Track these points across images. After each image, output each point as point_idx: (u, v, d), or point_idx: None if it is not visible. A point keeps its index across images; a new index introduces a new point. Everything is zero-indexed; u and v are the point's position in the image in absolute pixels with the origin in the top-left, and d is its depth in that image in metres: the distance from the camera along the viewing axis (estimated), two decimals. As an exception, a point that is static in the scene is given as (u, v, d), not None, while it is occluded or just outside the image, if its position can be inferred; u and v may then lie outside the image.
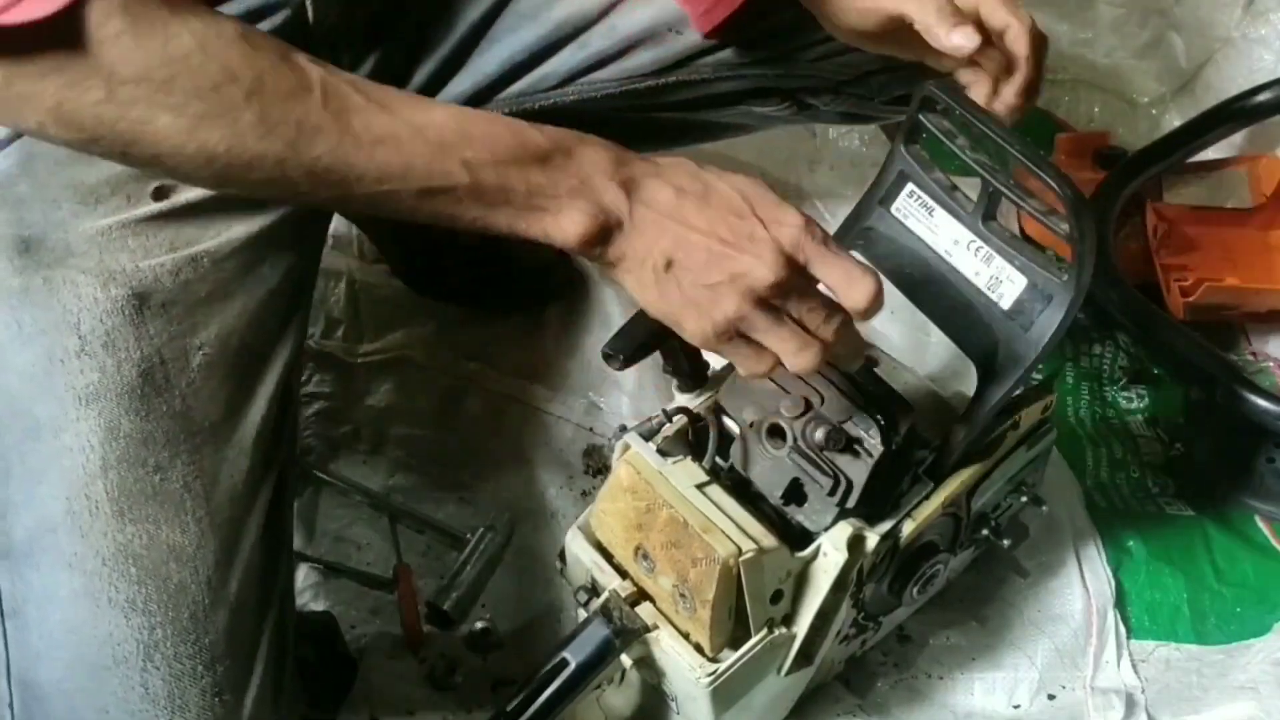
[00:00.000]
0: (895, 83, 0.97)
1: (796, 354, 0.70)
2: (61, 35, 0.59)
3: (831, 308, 0.70)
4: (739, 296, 0.68)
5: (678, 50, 0.93)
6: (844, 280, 0.69)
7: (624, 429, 0.87)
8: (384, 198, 0.65)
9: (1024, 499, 0.97)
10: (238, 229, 0.78)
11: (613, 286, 1.29)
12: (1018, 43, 0.78)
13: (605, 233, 0.68)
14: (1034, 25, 0.79)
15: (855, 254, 0.72)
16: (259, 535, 0.76)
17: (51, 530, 0.72)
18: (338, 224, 1.34)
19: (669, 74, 0.94)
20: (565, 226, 0.67)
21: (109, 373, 0.74)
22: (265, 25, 0.81)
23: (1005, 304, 0.79)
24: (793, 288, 0.68)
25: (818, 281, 0.70)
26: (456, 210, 0.66)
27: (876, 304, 0.70)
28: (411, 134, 0.64)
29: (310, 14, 0.83)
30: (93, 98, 0.60)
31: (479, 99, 0.94)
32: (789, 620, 0.83)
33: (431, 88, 0.93)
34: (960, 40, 0.75)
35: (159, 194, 0.77)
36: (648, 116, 1.00)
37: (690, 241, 0.68)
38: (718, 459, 0.84)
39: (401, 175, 0.64)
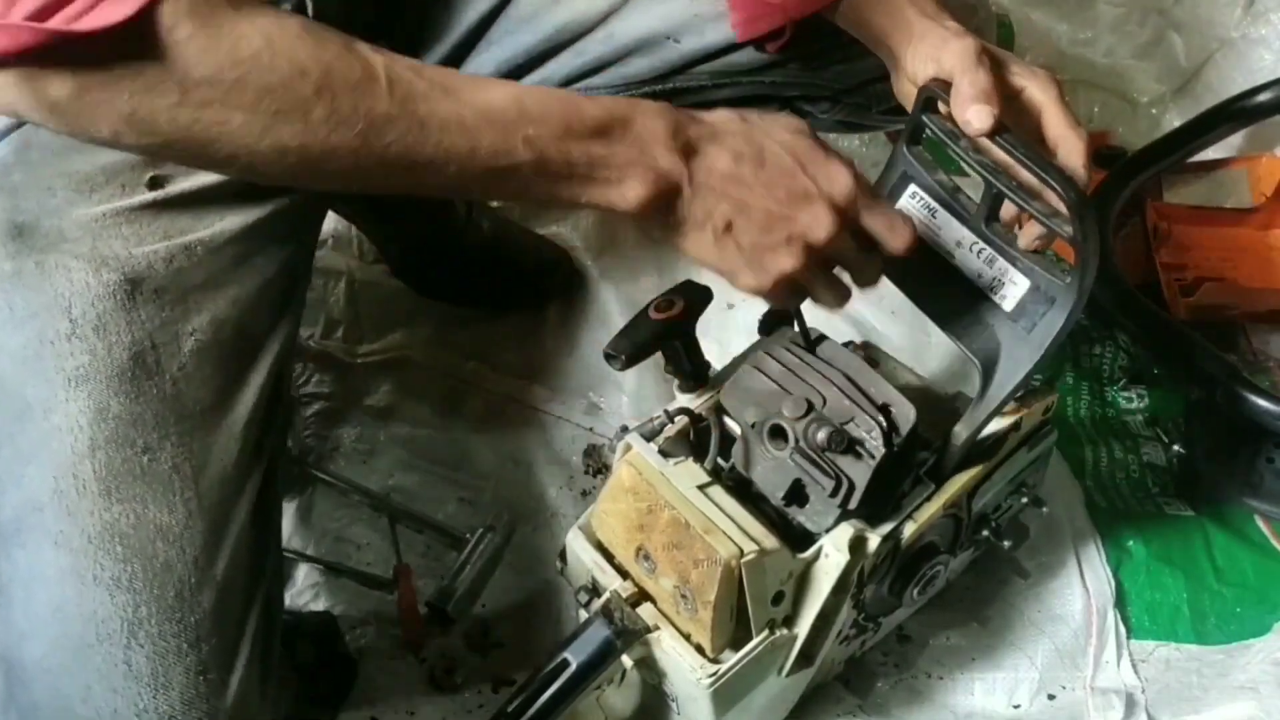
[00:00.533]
0: (893, 93, 0.96)
1: (835, 300, 0.77)
2: (134, 41, 0.60)
3: (870, 255, 0.75)
4: (797, 253, 0.72)
5: (675, 58, 0.93)
6: (887, 228, 0.74)
7: (625, 429, 0.87)
8: (455, 180, 0.67)
9: (1024, 500, 0.97)
10: (232, 219, 0.78)
11: (616, 288, 1.28)
12: (1071, 156, 0.79)
13: (666, 198, 0.70)
14: (1088, 140, 0.80)
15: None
16: (248, 519, 0.76)
17: (39, 509, 0.72)
18: (337, 224, 1.34)
19: (666, 80, 0.94)
20: (628, 195, 0.69)
21: (99, 355, 0.74)
22: None
23: (1008, 306, 0.79)
24: (843, 242, 0.73)
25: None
26: (524, 187, 0.69)
27: (914, 247, 0.75)
28: (475, 116, 0.66)
29: (309, 12, 0.83)
30: (167, 101, 0.61)
31: None
32: (790, 621, 0.83)
33: None
34: (972, 118, 0.75)
35: (154, 183, 0.77)
36: None
37: (749, 204, 0.71)
38: (719, 460, 0.84)
39: (469, 157, 0.66)
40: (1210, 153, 1.38)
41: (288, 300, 0.83)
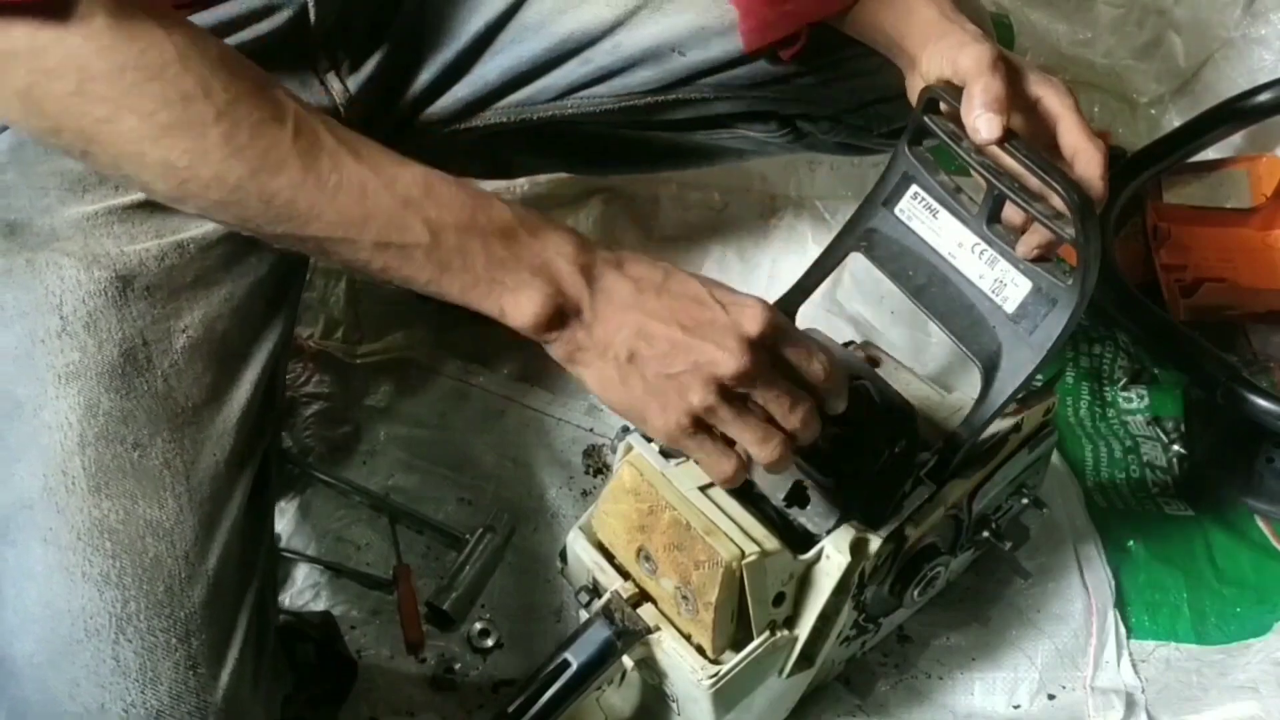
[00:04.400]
0: (896, 115, 0.96)
1: (761, 444, 0.69)
2: (44, 14, 0.59)
3: (795, 394, 0.69)
4: (703, 385, 0.67)
5: (679, 70, 0.93)
6: (805, 358, 0.70)
7: (626, 430, 0.86)
8: (338, 244, 0.65)
9: (1025, 501, 0.97)
10: None
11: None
12: (1089, 167, 0.77)
13: (561, 317, 0.67)
14: (1106, 152, 0.78)
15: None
16: (240, 516, 0.75)
17: (28, 507, 0.71)
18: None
19: (669, 92, 0.94)
20: (522, 304, 0.66)
21: (89, 352, 0.73)
22: (266, 25, 0.81)
23: (1009, 307, 0.79)
24: (757, 374, 0.68)
25: (780, 367, 0.69)
26: (411, 269, 0.66)
27: (833, 379, 0.70)
28: (378, 185, 0.65)
29: (312, 15, 0.83)
30: (63, 87, 0.60)
31: (478, 105, 0.94)
32: (790, 622, 0.83)
33: (432, 93, 0.93)
34: (981, 126, 0.74)
35: None
36: (642, 135, 1.00)
37: (652, 331, 0.67)
38: (720, 460, 0.84)
39: (360, 224, 0.64)
40: (1210, 153, 1.38)
41: (281, 297, 0.83)
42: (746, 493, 0.83)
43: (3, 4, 0.58)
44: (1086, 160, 0.77)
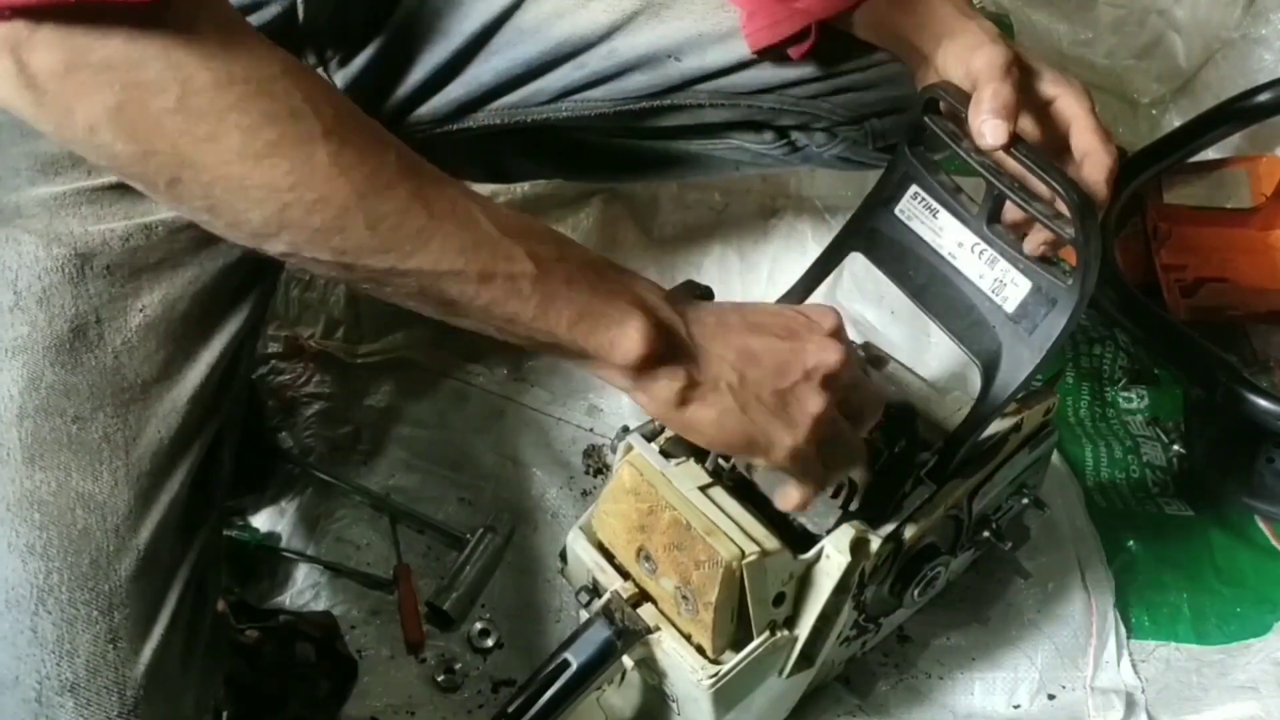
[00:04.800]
0: (892, 130, 0.96)
1: (861, 459, 0.75)
2: (144, 22, 0.54)
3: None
4: (819, 390, 0.68)
5: (675, 76, 0.92)
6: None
7: (626, 430, 0.86)
8: (442, 279, 0.62)
9: (1025, 501, 0.97)
10: None
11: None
12: (1095, 171, 0.77)
13: (667, 350, 0.66)
14: (1116, 157, 0.78)
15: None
16: (181, 492, 0.74)
17: None
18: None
19: (663, 97, 0.94)
20: (630, 336, 0.64)
21: (39, 326, 0.72)
22: (254, 20, 0.80)
23: (1009, 307, 0.79)
24: (854, 366, 0.70)
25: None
26: (516, 303, 0.63)
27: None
28: (481, 212, 0.62)
29: (301, 13, 0.82)
30: (161, 103, 0.55)
31: (471, 106, 0.93)
32: (790, 622, 0.83)
33: (423, 92, 0.92)
34: (986, 131, 0.74)
35: None
36: (637, 144, 1.00)
37: (754, 348, 0.67)
38: (720, 460, 0.84)
39: (467, 253, 0.61)
40: (1210, 153, 1.38)
41: (251, 284, 0.81)
42: (746, 493, 0.83)
43: (102, 4, 0.53)
44: (1095, 163, 0.77)
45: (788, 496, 0.75)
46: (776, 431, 0.68)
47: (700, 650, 0.80)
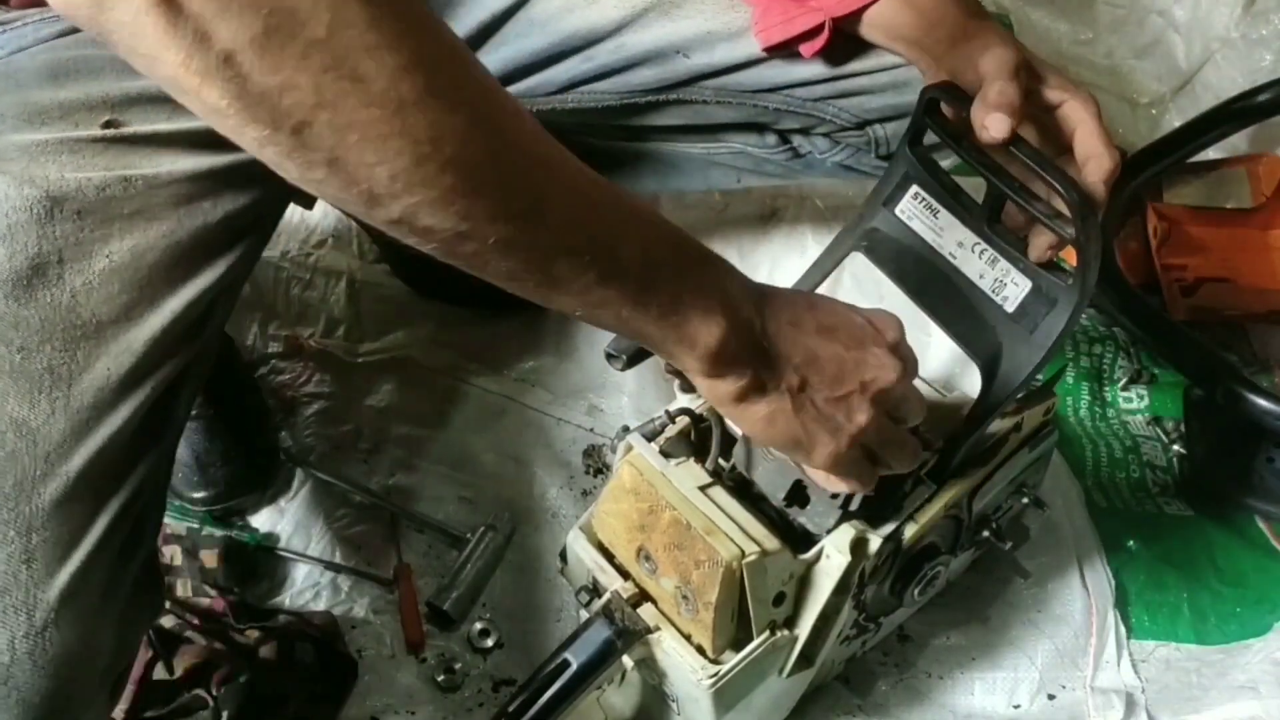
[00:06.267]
0: (895, 137, 0.96)
1: (912, 456, 0.74)
2: None
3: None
4: (870, 403, 0.69)
5: (682, 72, 0.93)
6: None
7: (626, 429, 0.87)
8: (558, 254, 0.60)
9: (1025, 500, 0.97)
10: (185, 163, 0.76)
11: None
12: (1095, 173, 0.77)
13: (741, 347, 0.66)
14: (1118, 162, 0.78)
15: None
16: (125, 428, 0.73)
17: None
18: (338, 223, 1.34)
19: (669, 92, 0.94)
20: (713, 333, 0.65)
21: None
22: None
23: (1009, 307, 0.79)
24: (909, 385, 0.71)
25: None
26: (616, 289, 0.62)
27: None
28: (598, 191, 0.61)
29: None
30: (311, 33, 0.51)
31: None
32: (790, 622, 0.83)
33: None
34: (990, 125, 0.74)
35: (110, 125, 0.75)
36: (640, 147, 1.00)
37: (820, 354, 0.68)
38: (720, 460, 0.84)
39: (586, 228, 0.60)
40: (1210, 153, 1.38)
41: (230, 245, 0.80)
42: (746, 492, 0.83)
43: None
44: (1095, 166, 0.77)
45: (836, 487, 0.77)
46: (821, 436, 0.70)
47: (700, 650, 0.80)
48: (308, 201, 0.96)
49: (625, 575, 0.84)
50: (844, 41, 0.89)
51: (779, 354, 0.68)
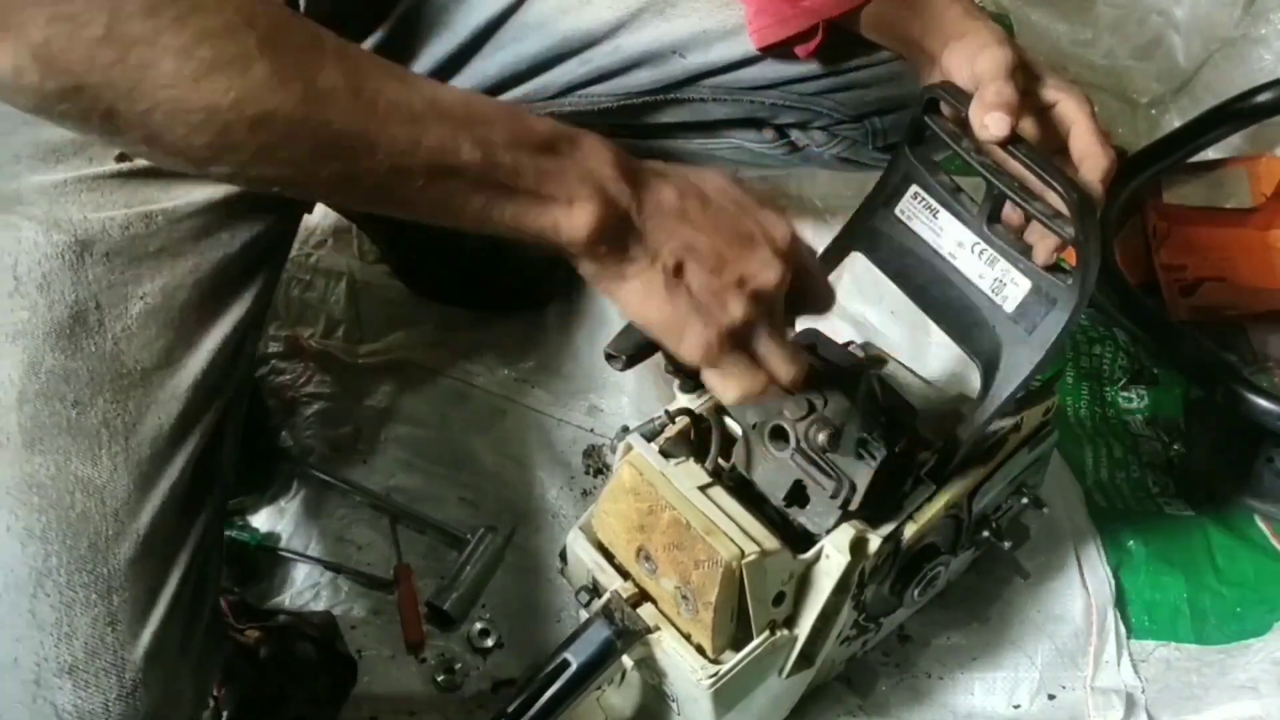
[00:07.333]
0: (893, 129, 0.96)
1: (790, 361, 0.69)
2: None
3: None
4: (747, 299, 0.67)
5: (679, 72, 0.93)
6: (820, 284, 0.72)
7: (626, 429, 0.87)
8: (392, 176, 0.61)
9: (1025, 500, 0.97)
10: (200, 193, 0.77)
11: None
12: (1092, 171, 0.77)
13: (615, 229, 0.65)
14: (1114, 160, 0.78)
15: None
16: (182, 478, 0.74)
17: None
18: (338, 224, 1.34)
19: (666, 93, 0.94)
20: (576, 219, 0.63)
21: (39, 311, 0.72)
22: None
23: (1009, 307, 0.79)
24: (786, 286, 0.68)
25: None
26: (464, 198, 0.62)
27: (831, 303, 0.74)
28: (425, 106, 0.61)
29: (301, 3, 0.82)
30: (90, 33, 0.53)
31: None
32: (790, 622, 0.83)
33: None
34: (989, 124, 0.74)
35: (123, 157, 0.75)
36: (638, 143, 1.00)
37: (699, 242, 0.66)
38: (720, 460, 0.84)
39: (413, 150, 0.60)
40: (1210, 153, 1.38)
41: (253, 274, 0.81)
42: (746, 492, 0.83)
43: None
44: (1091, 165, 0.77)
45: (719, 390, 0.72)
46: (691, 327, 0.67)
47: (700, 650, 0.80)
48: (307, 205, 0.96)
49: (625, 575, 0.84)
50: (840, 36, 0.89)
51: (657, 234, 0.66)
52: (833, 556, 0.80)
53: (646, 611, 0.82)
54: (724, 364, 0.69)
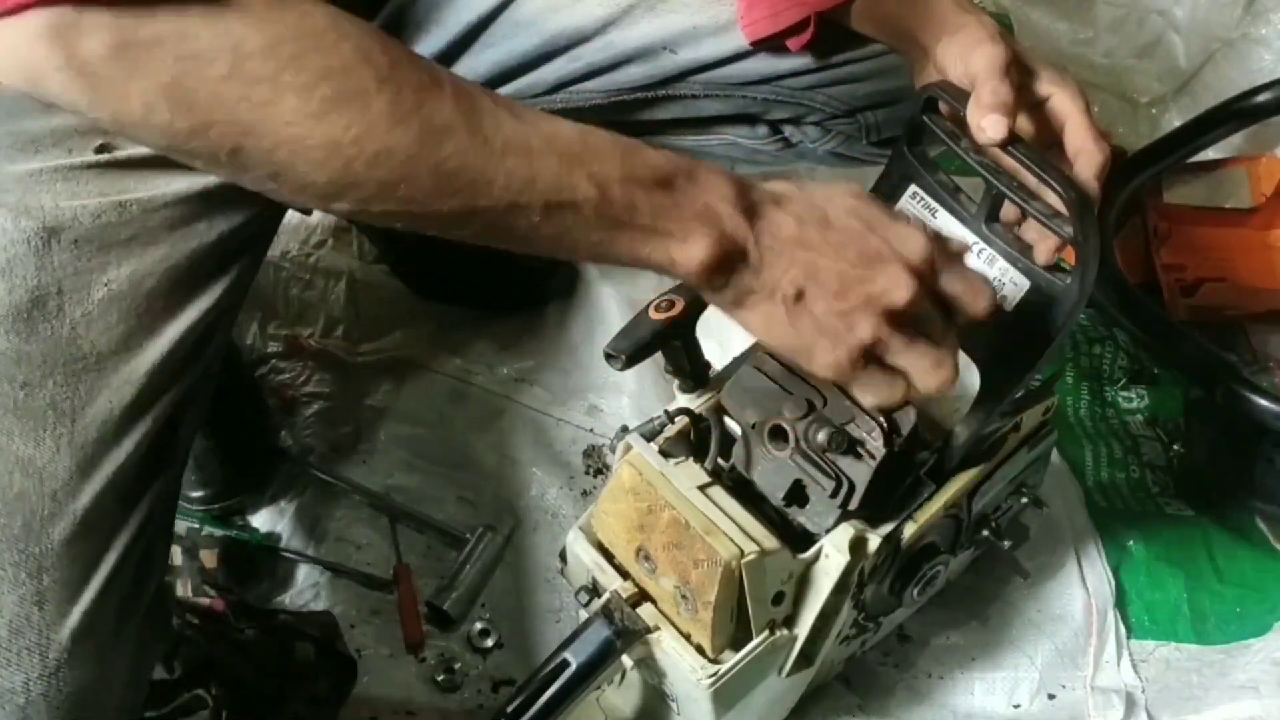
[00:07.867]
0: (886, 123, 0.96)
1: (933, 370, 0.69)
2: None
3: (946, 319, 0.70)
4: (875, 318, 0.67)
5: (670, 68, 0.93)
6: (968, 290, 0.70)
7: (626, 429, 0.86)
8: (508, 214, 0.62)
9: (1024, 500, 0.97)
10: (178, 184, 0.76)
11: (615, 288, 1.28)
12: (1086, 169, 0.77)
13: (729, 262, 0.66)
14: (1109, 156, 0.78)
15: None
16: (129, 461, 0.74)
17: None
18: (338, 222, 1.34)
19: (658, 89, 0.94)
20: (692, 253, 0.65)
21: None
22: None
23: (1008, 306, 0.79)
24: (925, 304, 0.68)
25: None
26: (580, 232, 0.63)
27: (994, 310, 0.71)
28: (541, 142, 0.62)
29: None
30: (215, 72, 0.56)
31: None
32: (790, 622, 0.83)
33: None
34: (987, 126, 0.74)
35: (103, 149, 0.75)
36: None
37: (820, 268, 0.67)
38: (720, 460, 0.84)
39: (528, 186, 0.61)
40: (1210, 153, 1.38)
41: (226, 267, 0.81)
42: (746, 492, 0.83)
43: None
44: (1086, 162, 0.77)
45: (859, 399, 0.75)
46: (819, 349, 0.68)
47: (700, 650, 0.80)
48: (305, 209, 0.96)
49: (625, 575, 0.84)
50: (832, 30, 0.89)
51: (775, 265, 0.67)
52: (832, 556, 0.80)
53: (646, 611, 0.82)
54: (859, 379, 0.70)
